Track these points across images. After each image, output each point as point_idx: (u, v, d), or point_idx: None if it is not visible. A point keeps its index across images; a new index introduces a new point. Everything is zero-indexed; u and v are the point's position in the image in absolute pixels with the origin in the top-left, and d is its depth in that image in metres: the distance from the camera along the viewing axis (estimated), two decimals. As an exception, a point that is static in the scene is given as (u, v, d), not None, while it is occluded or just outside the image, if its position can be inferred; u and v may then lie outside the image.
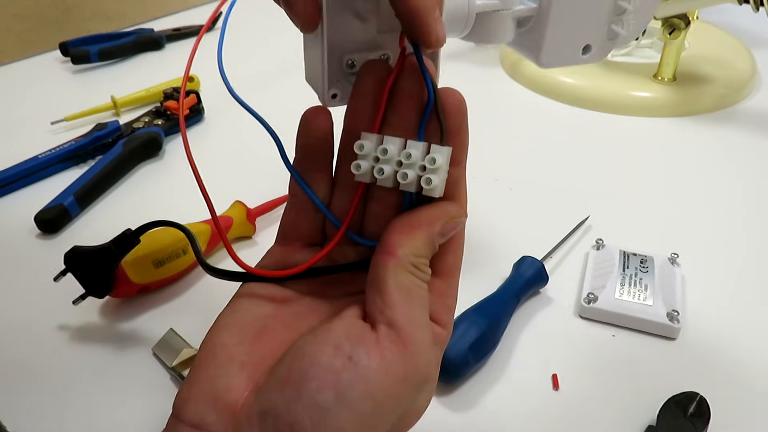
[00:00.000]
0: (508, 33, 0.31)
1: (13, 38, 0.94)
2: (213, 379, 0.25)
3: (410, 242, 0.26)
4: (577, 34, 0.32)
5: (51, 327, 0.43)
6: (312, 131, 0.28)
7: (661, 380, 0.40)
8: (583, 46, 0.33)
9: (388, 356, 0.24)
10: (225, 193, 0.53)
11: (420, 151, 0.26)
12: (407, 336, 0.25)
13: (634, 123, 0.69)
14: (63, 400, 0.39)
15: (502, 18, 0.30)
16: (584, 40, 0.33)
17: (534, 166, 0.62)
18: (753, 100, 0.74)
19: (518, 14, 0.31)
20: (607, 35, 0.33)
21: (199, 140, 0.66)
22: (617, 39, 0.34)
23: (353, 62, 0.28)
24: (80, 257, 0.42)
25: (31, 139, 0.65)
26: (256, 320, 0.27)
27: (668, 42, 0.69)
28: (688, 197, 0.58)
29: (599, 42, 0.34)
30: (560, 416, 0.38)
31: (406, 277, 0.26)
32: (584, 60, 0.34)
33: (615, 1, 0.32)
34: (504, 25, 0.31)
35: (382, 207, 0.28)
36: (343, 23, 0.27)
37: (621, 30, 0.33)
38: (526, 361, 0.41)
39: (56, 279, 0.42)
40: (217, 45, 0.30)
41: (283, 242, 0.30)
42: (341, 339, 0.24)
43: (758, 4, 0.61)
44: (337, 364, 0.23)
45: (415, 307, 0.26)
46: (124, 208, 0.56)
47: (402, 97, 0.27)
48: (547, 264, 0.46)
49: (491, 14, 0.30)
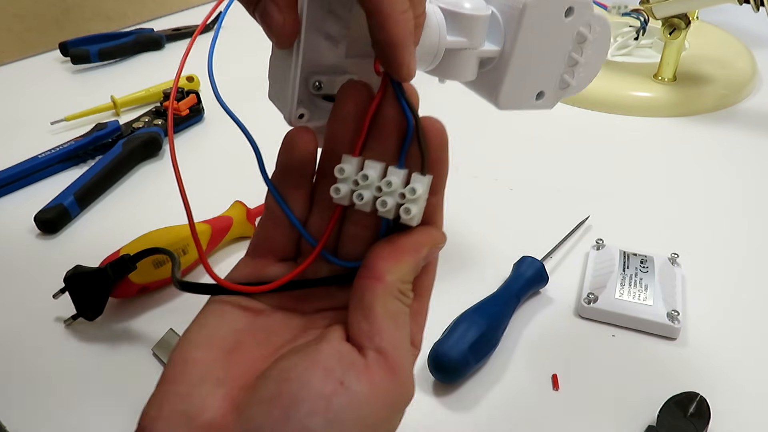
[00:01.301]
0: (472, 72, 0.32)
1: (13, 38, 0.94)
2: (186, 396, 0.24)
3: (398, 268, 0.26)
4: (533, 80, 0.34)
5: (51, 327, 0.43)
6: (295, 152, 0.28)
7: (661, 380, 0.40)
8: (537, 92, 0.35)
9: (377, 382, 0.24)
10: (225, 193, 0.53)
11: (400, 178, 0.26)
12: (395, 362, 0.25)
13: (634, 123, 0.69)
14: (63, 400, 0.39)
15: (467, 56, 0.31)
16: (539, 87, 0.35)
17: (534, 166, 0.62)
18: (753, 100, 0.74)
19: (482, 54, 0.32)
20: (559, 84, 0.36)
21: (199, 140, 0.66)
22: (567, 88, 0.36)
23: (320, 84, 0.28)
24: (79, 278, 0.42)
25: (31, 139, 0.65)
26: (229, 335, 0.27)
27: (668, 42, 0.69)
28: (688, 197, 0.58)
29: (552, 90, 0.35)
30: (560, 416, 0.38)
31: (394, 303, 0.26)
32: (537, 105, 0.36)
33: (569, 53, 0.34)
34: (468, 63, 0.32)
35: (358, 228, 0.28)
36: (315, 44, 0.27)
37: (571, 80, 0.35)
38: (526, 361, 0.41)
39: (55, 296, 0.43)
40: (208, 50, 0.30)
41: (254, 255, 0.30)
42: (332, 363, 0.24)
43: (758, 4, 0.61)
44: (328, 388, 0.23)
45: (401, 332, 0.26)
46: (124, 208, 0.56)
47: (383, 124, 0.27)
48: (547, 264, 0.46)
49: (458, 52, 0.31)
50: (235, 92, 0.65)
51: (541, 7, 0.31)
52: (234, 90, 0.65)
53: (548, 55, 0.34)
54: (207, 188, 0.57)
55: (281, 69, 0.28)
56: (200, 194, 0.57)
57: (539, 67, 0.34)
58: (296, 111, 0.28)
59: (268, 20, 0.25)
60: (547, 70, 0.34)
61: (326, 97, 0.29)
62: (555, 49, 0.34)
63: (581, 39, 0.34)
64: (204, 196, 0.56)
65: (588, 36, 0.34)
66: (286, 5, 0.25)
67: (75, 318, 0.43)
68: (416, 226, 0.27)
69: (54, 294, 0.43)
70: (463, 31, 0.30)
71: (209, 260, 0.50)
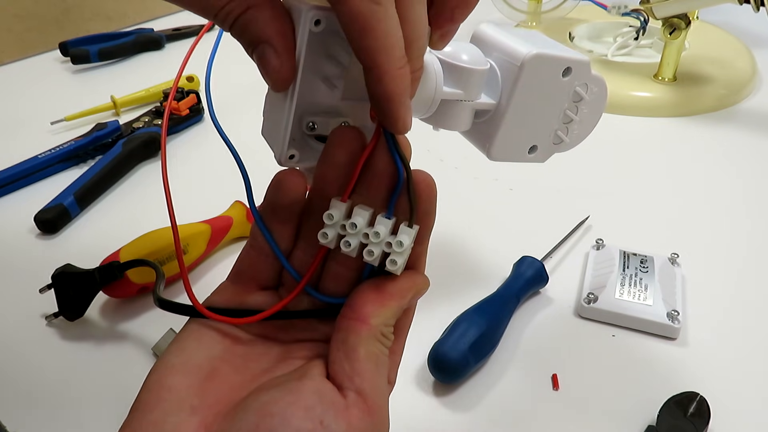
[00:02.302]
0: (466, 122, 0.32)
1: (13, 38, 0.94)
2: (159, 424, 0.24)
3: (382, 312, 0.27)
4: (527, 134, 0.34)
5: (51, 327, 0.43)
6: (283, 194, 0.28)
7: (661, 380, 0.40)
8: (530, 146, 0.35)
9: (355, 423, 0.24)
10: (225, 193, 0.53)
11: (388, 228, 0.26)
12: (374, 404, 0.25)
13: (634, 123, 0.69)
14: (63, 400, 0.39)
15: (462, 108, 0.31)
16: (532, 141, 0.35)
17: (534, 166, 0.61)
18: (753, 100, 0.74)
19: (478, 107, 0.32)
20: (552, 140, 0.36)
21: (199, 140, 0.66)
22: (561, 144, 0.36)
23: (314, 125, 0.28)
24: (66, 277, 0.43)
25: (31, 139, 0.65)
26: (206, 362, 0.27)
27: (669, 42, 0.69)
28: (688, 197, 0.58)
29: (545, 145, 0.36)
30: (560, 416, 0.38)
31: (375, 345, 0.26)
32: (529, 159, 0.36)
33: (564, 111, 0.34)
34: (463, 114, 0.31)
35: (341, 268, 0.28)
36: (311, 86, 0.27)
37: (565, 137, 0.36)
38: (526, 361, 0.41)
39: (42, 291, 0.43)
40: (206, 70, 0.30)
41: (236, 281, 0.30)
42: (313, 401, 0.24)
43: (758, 4, 0.61)
44: (308, 427, 0.23)
45: (381, 375, 0.27)
46: (123, 208, 0.56)
47: (374, 172, 0.27)
48: (547, 264, 0.46)
49: (453, 103, 0.30)
50: (235, 98, 0.65)
51: (539, 65, 0.31)
52: (234, 95, 0.65)
53: (543, 112, 0.34)
54: (207, 188, 0.58)
55: (276, 108, 0.28)
56: (200, 194, 0.57)
57: (534, 122, 0.34)
58: (287, 152, 0.28)
59: (265, 64, 0.25)
60: (542, 126, 0.34)
61: (319, 137, 0.28)
62: (550, 106, 0.34)
63: (577, 98, 0.34)
64: (204, 196, 0.56)
65: (584, 96, 0.34)
66: (284, 51, 0.25)
67: (56, 316, 0.43)
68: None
69: (40, 288, 0.43)
70: (459, 83, 0.30)
71: (209, 260, 0.50)
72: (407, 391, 0.39)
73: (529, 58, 0.30)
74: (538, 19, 0.87)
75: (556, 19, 0.86)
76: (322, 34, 0.25)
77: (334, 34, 0.26)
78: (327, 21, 0.25)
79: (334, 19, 0.25)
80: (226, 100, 0.65)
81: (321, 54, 0.26)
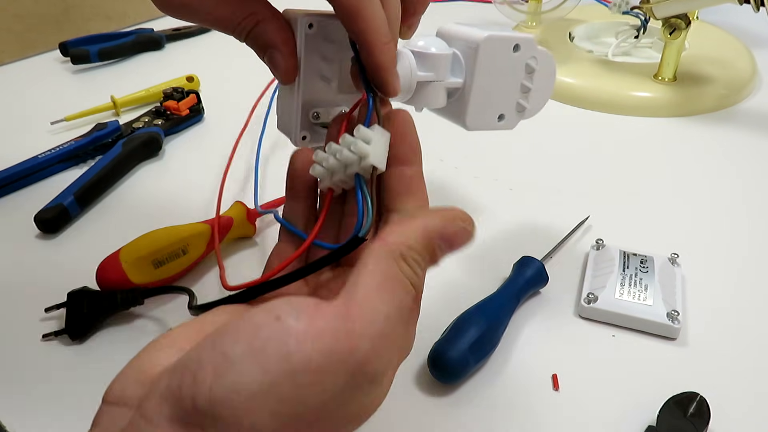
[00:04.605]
0: (441, 100, 0.38)
1: (13, 38, 0.94)
2: (142, 359, 0.25)
3: (402, 230, 0.26)
4: (493, 105, 0.40)
5: (51, 327, 0.43)
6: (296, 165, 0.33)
7: (661, 380, 0.40)
8: (498, 115, 0.41)
9: (319, 323, 0.22)
10: (225, 193, 0.53)
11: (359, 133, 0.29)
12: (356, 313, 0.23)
13: (634, 123, 0.69)
14: (62, 400, 0.39)
15: (435, 87, 0.37)
16: (499, 110, 0.41)
17: (534, 166, 0.62)
18: (753, 100, 0.74)
19: (449, 85, 0.38)
20: (516, 108, 0.42)
21: (199, 140, 0.66)
22: (524, 111, 0.42)
23: (318, 114, 0.35)
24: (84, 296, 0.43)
25: (31, 139, 0.65)
26: (209, 324, 0.26)
27: (669, 42, 0.69)
28: (688, 197, 0.58)
29: (511, 113, 0.42)
30: (560, 416, 0.38)
31: (389, 263, 0.24)
32: (500, 126, 0.42)
33: (521, 82, 0.41)
34: (438, 93, 0.38)
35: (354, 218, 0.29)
36: (312, 83, 0.34)
37: (526, 104, 0.42)
38: (526, 361, 0.41)
39: (48, 310, 0.43)
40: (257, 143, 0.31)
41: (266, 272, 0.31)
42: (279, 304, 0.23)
43: (758, 5, 0.61)
44: (262, 320, 0.22)
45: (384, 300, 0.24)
46: (124, 208, 0.56)
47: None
48: (547, 264, 0.46)
49: (427, 84, 0.36)
50: (235, 98, 0.65)
51: (491, 45, 0.38)
52: (235, 96, 0.65)
53: (503, 84, 0.40)
54: (207, 188, 0.57)
55: (286, 103, 0.35)
56: (200, 194, 0.57)
57: (497, 94, 0.40)
58: (299, 134, 0.34)
59: (274, 64, 0.32)
60: (504, 96, 0.41)
61: (323, 125, 0.35)
62: (508, 78, 0.40)
63: (530, 70, 0.41)
64: (204, 196, 0.56)
65: (535, 67, 0.41)
66: (287, 52, 0.32)
67: (57, 334, 0.42)
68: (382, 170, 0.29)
69: (47, 308, 0.43)
70: (430, 67, 0.36)
71: (209, 260, 0.50)
72: (407, 391, 0.39)
73: (482, 39, 0.37)
74: (538, 19, 0.87)
75: (556, 19, 0.86)
76: (316, 37, 0.33)
77: (326, 39, 0.33)
78: (318, 24, 0.32)
79: (324, 23, 0.32)
80: (226, 100, 0.66)
81: (317, 54, 0.33)
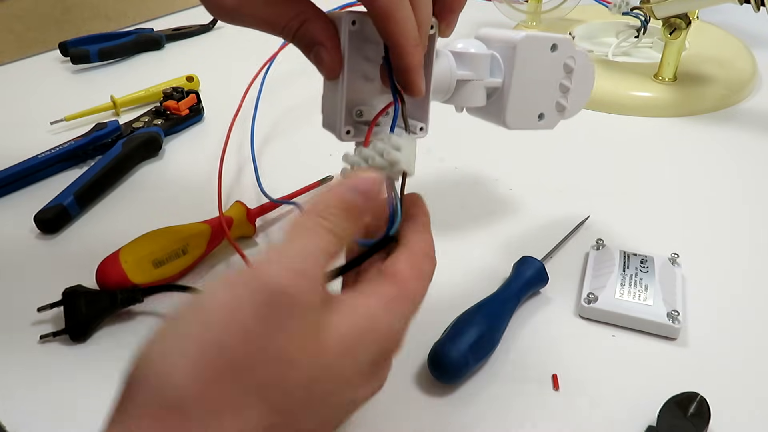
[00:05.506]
0: (481, 99, 0.40)
1: (13, 38, 0.94)
2: None
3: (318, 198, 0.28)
4: (533, 104, 0.42)
5: (51, 327, 0.43)
6: None
7: (661, 380, 0.40)
8: (538, 114, 0.43)
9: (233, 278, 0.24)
10: (225, 193, 0.53)
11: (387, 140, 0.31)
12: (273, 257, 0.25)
13: (634, 123, 0.69)
14: (62, 400, 0.39)
15: (475, 86, 0.39)
16: (539, 110, 0.43)
17: (534, 166, 0.62)
18: (753, 100, 0.74)
19: (488, 84, 0.40)
20: (556, 108, 0.43)
21: (199, 140, 0.66)
22: (564, 111, 0.44)
23: (361, 112, 0.36)
24: (80, 296, 0.42)
25: (31, 139, 0.65)
26: None
27: (669, 42, 0.69)
28: (688, 197, 0.58)
29: (550, 112, 0.43)
30: (560, 416, 0.38)
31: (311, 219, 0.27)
32: (540, 126, 0.43)
33: (560, 81, 0.42)
34: (477, 92, 0.39)
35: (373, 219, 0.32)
36: (355, 81, 0.35)
37: (566, 103, 0.43)
38: (526, 361, 0.41)
39: (41, 310, 0.43)
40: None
41: None
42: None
43: (759, 5, 0.61)
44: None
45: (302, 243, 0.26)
46: (123, 208, 0.56)
47: None
48: (547, 264, 0.46)
49: (467, 83, 0.38)
50: (235, 98, 0.65)
51: (530, 44, 0.39)
52: (235, 95, 0.65)
53: (543, 84, 0.42)
54: (207, 188, 0.57)
55: (330, 100, 0.36)
56: (200, 194, 0.57)
57: (536, 93, 0.41)
58: (344, 128, 0.35)
59: (320, 60, 0.33)
60: (544, 96, 0.42)
61: (365, 123, 0.36)
62: (547, 78, 0.42)
63: (568, 69, 0.42)
64: (204, 196, 0.56)
65: (573, 66, 0.42)
66: (332, 48, 0.33)
67: (56, 335, 0.42)
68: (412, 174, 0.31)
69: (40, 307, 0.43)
70: (470, 66, 0.38)
71: (209, 260, 0.50)
72: (407, 391, 0.39)
73: (520, 39, 0.39)
74: (538, 19, 0.87)
75: (556, 19, 0.86)
76: (359, 35, 0.33)
77: (368, 40, 0.34)
78: (360, 21, 0.33)
79: (366, 21, 0.33)
80: (226, 100, 0.66)
81: (359, 52, 0.34)
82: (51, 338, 0.42)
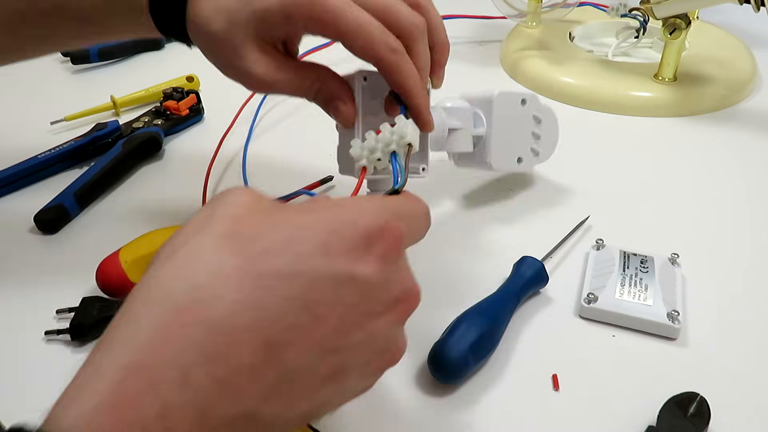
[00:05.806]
0: (468, 145, 0.49)
1: (13, 38, 0.94)
2: None
3: None
4: (511, 149, 0.51)
5: (51, 326, 0.43)
6: None
7: (661, 380, 0.40)
8: (517, 158, 0.52)
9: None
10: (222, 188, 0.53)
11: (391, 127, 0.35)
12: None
13: (634, 123, 0.69)
14: (62, 400, 0.39)
15: (464, 134, 0.48)
16: (517, 154, 0.52)
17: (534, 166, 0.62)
18: (754, 100, 0.74)
19: (474, 133, 0.49)
20: (532, 152, 0.52)
21: (199, 140, 0.66)
22: (538, 156, 0.53)
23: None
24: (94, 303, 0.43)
25: (31, 139, 0.65)
26: None
27: (669, 42, 0.69)
28: (688, 197, 0.58)
29: (527, 156, 0.52)
30: (560, 416, 0.38)
31: None
32: (520, 168, 0.52)
33: (532, 130, 0.52)
34: (465, 138, 0.48)
35: None
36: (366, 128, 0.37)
37: (539, 149, 0.53)
38: (526, 361, 0.41)
39: (59, 312, 0.44)
40: None
41: None
42: None
43: (759, 5, 0.61)
44: None
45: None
46: (124, 208, 0.56)
47: None
48: (547, 264, 0.46)
49: (457, 130, 0.48)
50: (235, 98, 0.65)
51: (504, 98, 0.49)
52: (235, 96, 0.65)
53: (518, 132, 0.51)
54: (206, 188, 0.57)
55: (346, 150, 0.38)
56: (200, 194, 0.57)
57: (514, 139, 0.51)
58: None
59: (338, 112, 0.40)
60: (520, 141, 0.52)
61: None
62: (521, 127, 0.51)
63: (537, 120, 0.52)
64: (204, 196, 0.56)
65: (541, 117, 0.52)
66: (348, 100, 0.40)
67: (59, 333, 0.42)
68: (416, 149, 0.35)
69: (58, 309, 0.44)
70: (458, 118, 0.48)
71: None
72: (407, 391, 0.39)
73: (496, 94, 0.49)
74: (537, 19, 0.87)
75: (556, 19, 0.86)
76: (369, 89, 0.40)
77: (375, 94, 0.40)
78: (370, 77, 0.40)
79: (375, 76, 0.39)
80: (226, 100, 0.66)
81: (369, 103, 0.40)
82: (55, 335, 0.42)
